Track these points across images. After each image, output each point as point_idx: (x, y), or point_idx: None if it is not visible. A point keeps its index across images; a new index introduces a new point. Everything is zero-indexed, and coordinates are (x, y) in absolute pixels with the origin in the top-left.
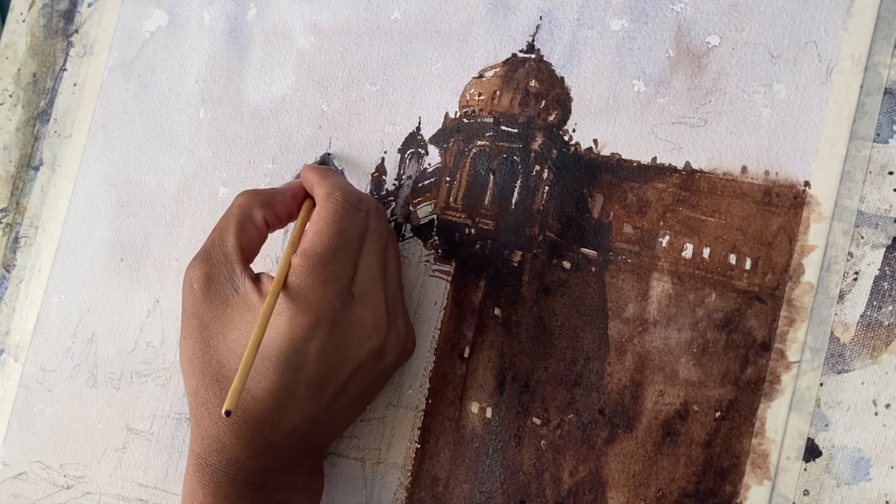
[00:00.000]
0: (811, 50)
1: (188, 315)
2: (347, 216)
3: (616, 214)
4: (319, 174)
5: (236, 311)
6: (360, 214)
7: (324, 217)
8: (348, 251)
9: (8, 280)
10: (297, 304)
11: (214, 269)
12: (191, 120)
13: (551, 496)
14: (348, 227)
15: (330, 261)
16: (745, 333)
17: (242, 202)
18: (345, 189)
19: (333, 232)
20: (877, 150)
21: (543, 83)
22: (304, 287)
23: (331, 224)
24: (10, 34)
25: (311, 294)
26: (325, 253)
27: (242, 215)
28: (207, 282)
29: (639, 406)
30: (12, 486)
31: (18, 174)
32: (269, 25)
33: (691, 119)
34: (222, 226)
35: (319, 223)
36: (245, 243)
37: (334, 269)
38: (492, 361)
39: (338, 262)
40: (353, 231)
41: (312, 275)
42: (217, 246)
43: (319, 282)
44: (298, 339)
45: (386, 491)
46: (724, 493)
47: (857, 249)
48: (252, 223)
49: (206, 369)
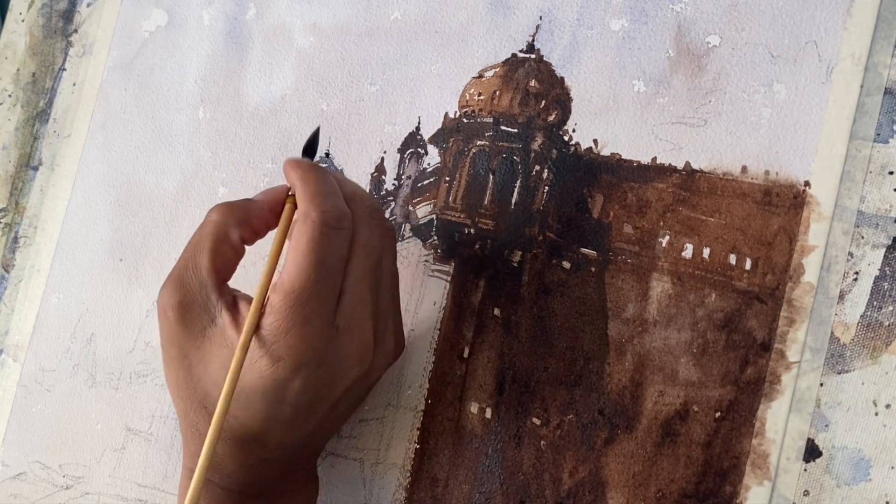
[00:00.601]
0: (811, 50)
1: (167, 343)
2: (326, 241)
3: (616, 214)
4: (300, 177)
5: (214, 344)
6: (341, 234)
7: (300, 245)
8: (329, 280)
9: (7, 280)
10: (278, 347)
11: (188, 296)
12: (190, 120)
13: (551, 496)
14: (327, 252)
15: (309, 297)
16: (745, 333)
17: (217, 220)
18: (322, 205)
19: (312, 263)
20: (877, 150)
21: (543, 83)
22: (284, 328)
23: (307, 253)
24: (10, 34)
25: (292, 336)
26: (303, 288)
27: (217, 236)
28: (182, 310)
29: (639, 406)
30: (12, 486)
31: (17, 174)
32: (269, 25)
33: (691, 119)
34: (196, 245)
35: (296, 252)
36: (220, 265)
37: (314, 307)
38: (491, 362)
39: (317, 296)
40: (334, 255)
41: (292, 314)
42: (190, 270)
43: (299, 322)
44: (281, 380)
45: (385, 491)
46: (724, 493)
47: (858, 249)
48: (228, 243)
49: (192, 395)
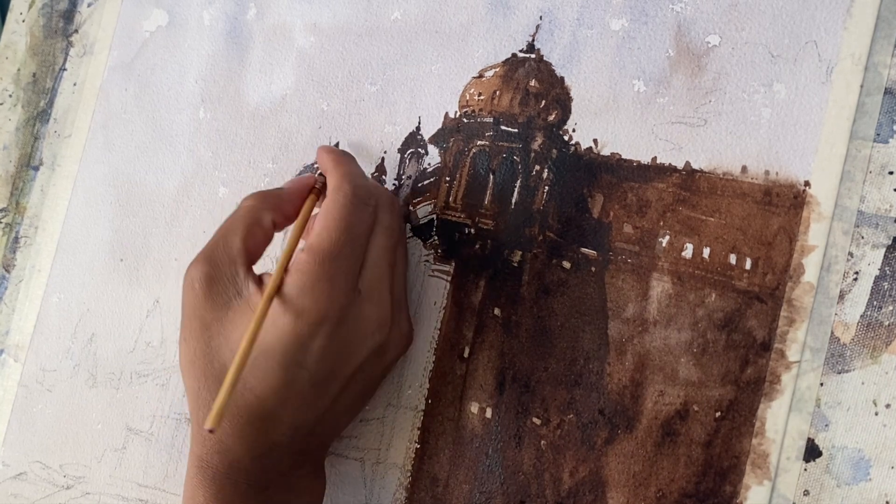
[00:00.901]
0: (811, 50)
1: (189, 316)
2: (355, 210)
3: (616, 214)
4: (333, 160)
5: (238, 313)
6: (368, 209)
7: (331, 211)
8: (355, 247)
9: (7, 280)
10: (303, 300)
11: (217, 270)
12: (190, 120)
13: (551, 496)
14: (356, 221)
15: (336, 257)
16: (745, 333)
17: (252, 205)
18: (354, 181)
19: (341, 227)
20: (877, 150)
21: (543, 83)
22: (310, 283)
23: (338, 219)
24: (10, 34)
25: (317, 290)
26: (331, 249)
27: (251, 218)
28: (210, 283)
29: (639, 406)
30: (12, 486)
31: (18, 174)
32: (269, 25)
33: (691, 119)
34: (228, 227)
35: (327, 217)
36: (251, 246)
37: (341, 266)
38: (491, 361)
39: (344, 258)
40: (361, 226)
41: (318, 271)
42: (221, 247)
43: (325, 278)
44: (303, 335)
45: (385, 491)
46: (724, 493)
47: (858, 249)
48: (260, 227)
49: (209, 371)
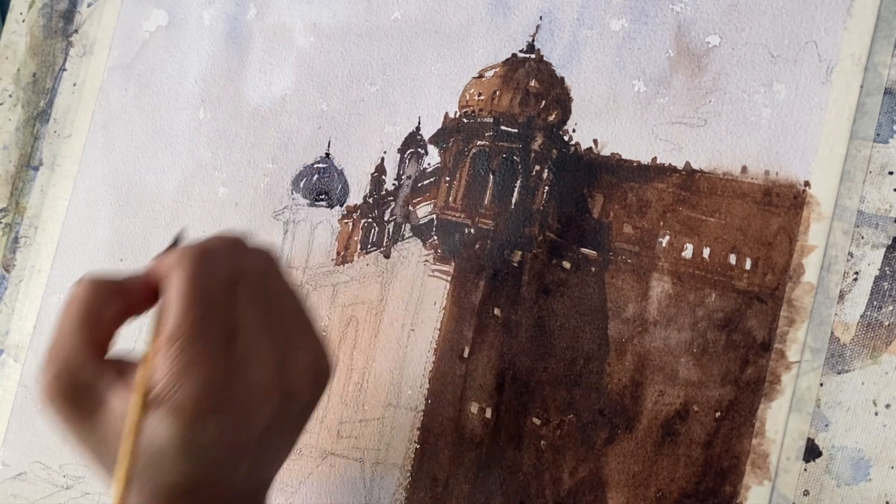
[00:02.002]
0: (811, 50)
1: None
2: (203, 277)
3: (616, 214)
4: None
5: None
6: (215, 267)
7: (177, 288)
8: (216, 314)
9: (7, 280)
10: (177, 397)
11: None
12: (190, 120)
13: (551, 496)
14: (206, 287)
15: (198, 336)
16: (745, 333)
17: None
18: (192, 249)
19: (191, 303)
20: (877, 150)
21: (543, 83)
22: (177, 374)
23: (186, 295)
24: (10, 34)
25: (188, 381)
26: (189, 330)
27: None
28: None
29: (639, 406)
30: (12, 486)
31: (18, 174)
32: (269, 25)
33: (691, 119)
34: (64, 326)
35: (174, 296)
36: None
37: (206, 343)
38: (491, 361)
39: (206, 333)
40: (214, 289)
41: (182, 358)
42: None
43: (194, 362)
44: (191, 431)
45: (385, 491)
46: (724, 493)
47: (858, 249)
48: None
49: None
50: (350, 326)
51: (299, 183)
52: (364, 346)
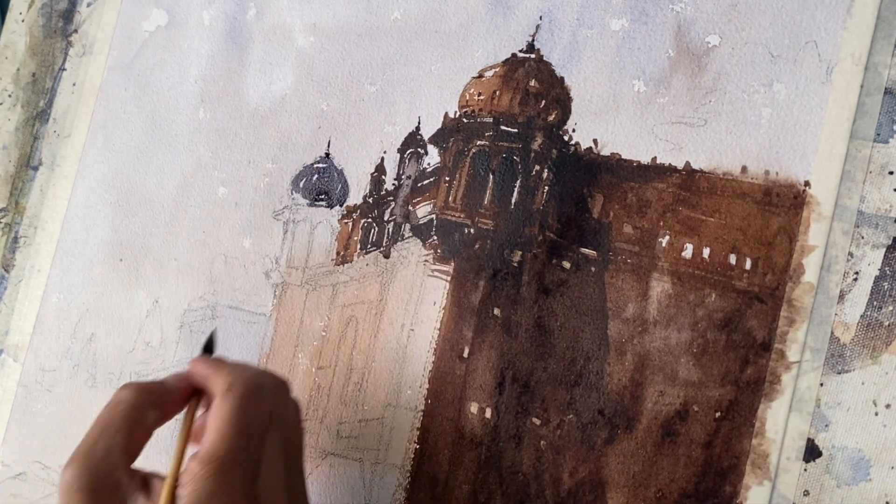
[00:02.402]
0: (811, 50)
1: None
2: (250, 410)
3: (616, 214)
4: (213, 366)
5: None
6: (263, 405)
7: (224, 414)
8: (251, 450)
9: (7, 280)
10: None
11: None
12: (190, 120)
13: (551, 497)
14: (252, 420)
15: (232, 465)
16: (745, 333)
17: (132, 401)
18: (244, 377)
19: (235, 431)
20: (877, 150)
21: (543, 83)
22: (205, 497)
23: (231, 422)
24: (10, 34)
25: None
26: (226, 456)
27: (132, 417)
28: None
29: (639, 406)
30: (12, 486)
31: (18, 174)
32: (269, 25)
33: (691, 119)
34: (105, 425)
35: (219, 420)
36: (132, 447)
37: (237, 475)
38: (491, 361)
39: (239, 465)
40: (257, 424)
41: (214, 482)
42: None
43: (222, 491)
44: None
45: (385, 491)
46: (724, 493)
47: (858, 249)
48: (141, 426)
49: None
50: (350, 326)
51: (299, 183)
52: (364, 346)
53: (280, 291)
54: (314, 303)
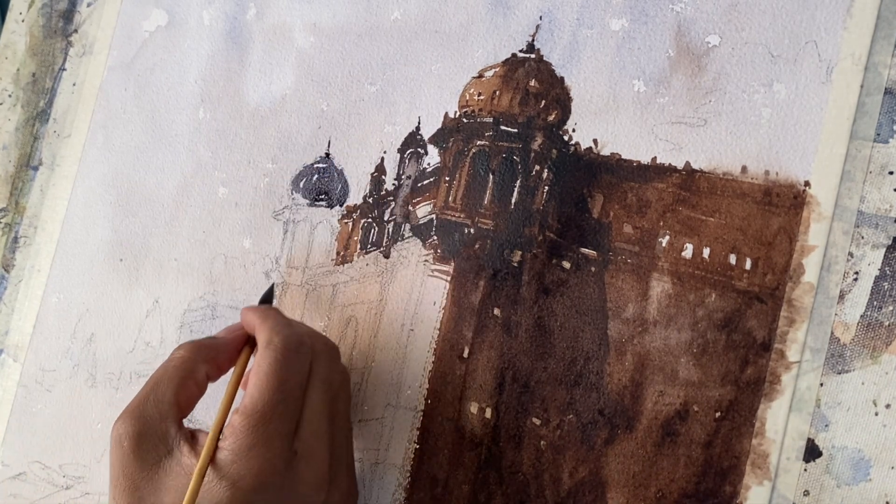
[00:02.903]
0: (811, 50)
1: (117, 474)
2: (288, 364)
3: (616, 214)
4: (260, 316)
5: (170, 474)
6: (301, 360)
7: (263, 368)
8: (290, 403)
9: (7, 280)
10: (238, 467)
11: (147, 427)
12: (190, 120)
13: (551, 497)
14: (289, 376)
15: (271, 417)
16: (745, 333)
17: (185, 356)
18: (284, 333)
19: (273, 385)
20: (877, 150)
21: (543, 83)
22: (245, 448)
23: (270, 376)
24: (10, 34)
25: (253, 456)
26: (265, 409)
27: (185, 371)
28: (139, 441)
29: (639, 406)
30: (12, 486)
31: (18, 174)
32: (269, 25)
33: (691, 119)
34: (159, 379)
35: (259, 375)
36: (183, 401)
37: (276, 427)
38: (491, 362)
39: (279, 417)
40: (295, 379)
41: (254, 434)
42: (151, 402)
43: (261, 442)
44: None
45: (384, 492)
46: (724, 493)
47: (858, 249)
48: (194, 380)
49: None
50: (349, 326)
51: (299, 183)
52: (363, 346)
53: (280, 291)
54: (314, 303)
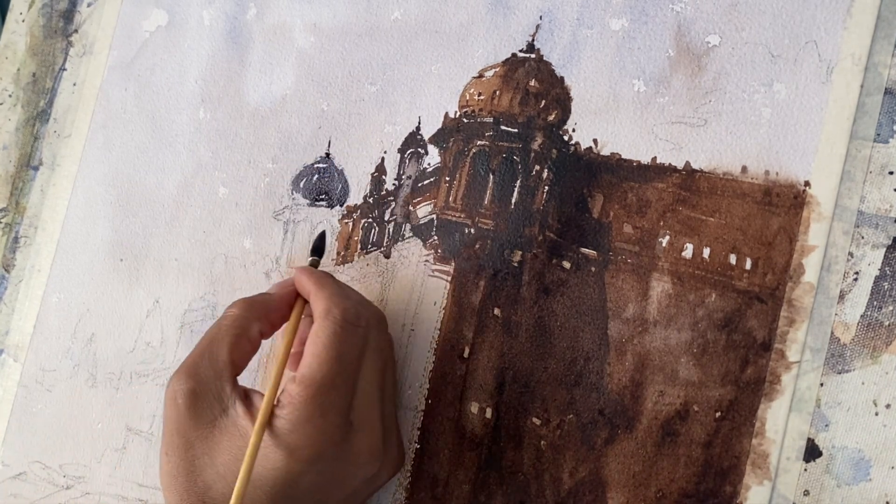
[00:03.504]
0: (811, 50)
1: (171, 431)
2: (347, 337)
3: (616, 214)
4: (315, 282)
5: (224, 433)
6: (359, 332)
7: (322, 339)
8: (347, 376)
9: (7, 280)
10: (295, 437)
11: (202, 385)
12: (190, 120)
13: (551, 496)
14: (347, 348)
15: (329, 389)
16: (746, 333)
17: (238, 314)
18: (343, 306)
19: (332, 357)
20: (877, 150)
21: (543, 83)
22: (303, 419)
23: (329, 348)
24: (10, 34)
25: (310, 427)
26: (323, 381)
27: (238, 329)
28: (194, 398)
29: (639, 406)
30: (12, 486)
31: (18, 174)
32: (269, 25)
33: (691, 119)
34: (214, 338)
35: (317, 345)
36: (237, 358)
37: (333, 398)
38: (491, 361)
39: (336, 389)
40: (353, 352)
41: (311, 405)
42: (207, 360)
43: (318, 413)
44: (295, 472)
45: (385, 491)
46: (724, 493)
47: (858, 249)
48: (247, 338)
49: (191, 489)
50: None
51: (299, 183)
52: None
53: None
54: None
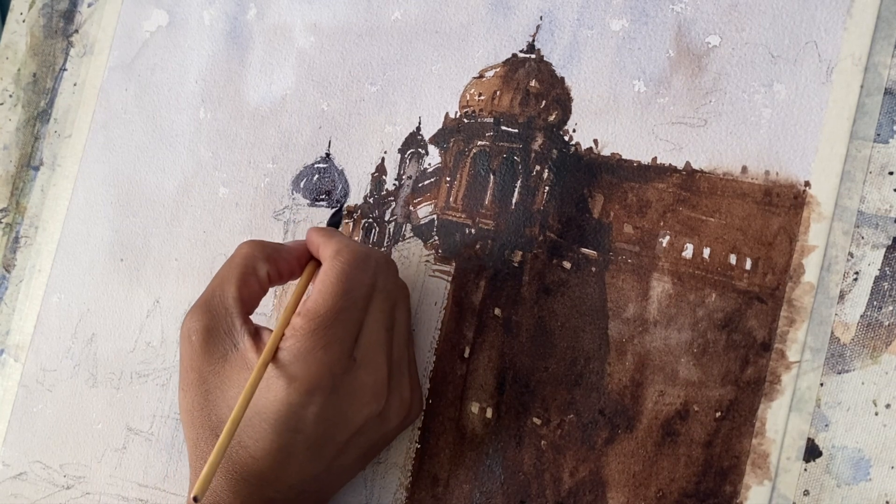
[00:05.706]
0: (811, 50)
1: (186, 367)
2: (354, 275)
3: (616, 214)
4: (325, 234)
5: (235, 367)
6: (367, 273)
7: (330, 276)
8: (352, 312)
9: (8, 280)
10: (296, 367)
11: (214, 321)
12: (191, 120)
13: (551, 496)
14: (354, 286)
15: (333, 323)
16: (746, 333)
17: (247, 252)
18: (352, 247)
19: (338, 292)
20: (877, 150)
21: (543, 83)
22: (304, 350)
23: (336, 284)
24: (10, 34)
25: (311, 358)
26: (328, 315)
27: (246, 267)
28: (206, 335)
29: (639, 406)
30: (12, 486)
31: (18, 174)
32: (269, 25)
33: (691, 119)
34: (223, 275)
35: (325, 282)
36: (246, 296)
37: (337, 333)
38: (492, 361)
39: (341, 324)
40: (360, 291)
41: (314, 338)
42: (217, 297)
43: (320, 346)
44: (296, 404)
45: (386, 491)
46: (725, 493)
47: (858, 249)
48: (255, 276)
49: (206, 423)
50: None
51: (300, 183)
52: None
53: (281, 291)
54: None
